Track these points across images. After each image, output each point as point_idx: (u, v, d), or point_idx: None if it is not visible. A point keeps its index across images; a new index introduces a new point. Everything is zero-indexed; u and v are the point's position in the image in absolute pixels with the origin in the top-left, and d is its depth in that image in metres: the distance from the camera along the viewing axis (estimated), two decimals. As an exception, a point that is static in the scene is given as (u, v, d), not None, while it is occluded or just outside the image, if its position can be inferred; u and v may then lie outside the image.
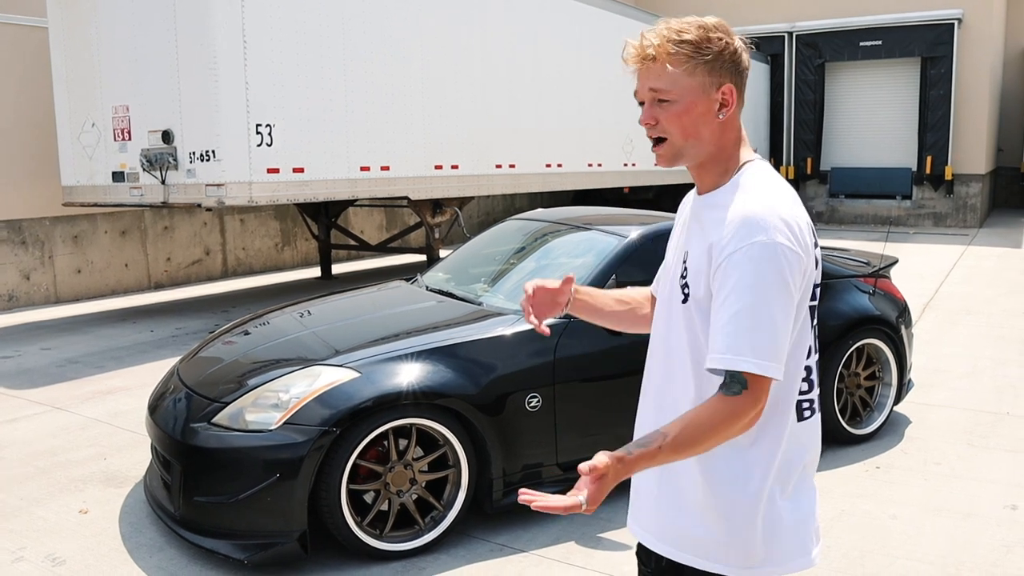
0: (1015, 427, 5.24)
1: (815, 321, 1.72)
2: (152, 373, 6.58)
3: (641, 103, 1.69)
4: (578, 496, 1.49)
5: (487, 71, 10.37)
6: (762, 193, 1.63)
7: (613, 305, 2.03)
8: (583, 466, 1.50)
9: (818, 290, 1.70)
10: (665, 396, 1.76)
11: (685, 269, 1.69)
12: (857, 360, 5.03)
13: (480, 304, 4.42)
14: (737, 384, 1.53)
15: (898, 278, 7.97)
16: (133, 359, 7.16)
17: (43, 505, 4.23)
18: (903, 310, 5.31)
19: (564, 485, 3.95)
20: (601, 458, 1.50)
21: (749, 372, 1.53)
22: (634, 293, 2.07)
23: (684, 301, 1.67)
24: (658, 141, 1.68)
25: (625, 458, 1.53)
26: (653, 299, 2.02)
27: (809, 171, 19.44)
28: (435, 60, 9.55)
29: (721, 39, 1.64)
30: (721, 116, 1.65)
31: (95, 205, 8.93)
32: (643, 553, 1.87)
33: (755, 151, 1.77)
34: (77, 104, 8.66)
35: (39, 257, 9.86)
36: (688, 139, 1.65)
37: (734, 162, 1.70)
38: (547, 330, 1.93)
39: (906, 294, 8.88)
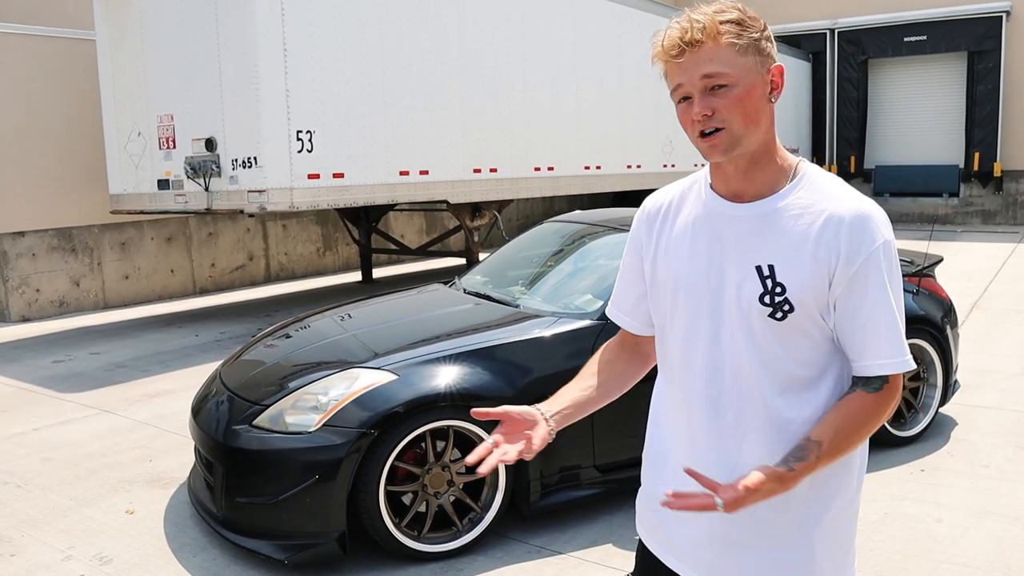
0: (1066, 429, 5.12)
1: None
2: (197, 377, 6.69)
3: (683, 99, 1.55)
4: (715, 498, 1.46)
5: (526, 73, 10.39)
6: (853, 192, 1.58)
7: (591, 393, 1.88)
8: (739, 483, 1.47)
9: None
10: (727, 420, 1.63)
11: (778, 285, 1.53)
12: (901, 361, 4.93)
13: (517, 306, 4.43)
14: (879, 380, 1.54)
15: (945, 277, 7.83)
16: (178, 363, 7.29)
17: (91, 505, 4.33)
18: (948, 310, 5.21)
19: (602, 487, 3.94)
20: (756, 476, 1.47)
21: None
22: (596, 367, 1.91)
23: (782, 318, 1.54)
24: (714, 132, 1.52)
25: (786, 475, 1.50)
26: (630, 340, 1.89)
27: (853, 169, 19.15)
28: (473, 64, 9.60)
29: (757, 18, 1.56)
30: (773, 99, 1.56)
31: (141, 212, 9.11)
32: None
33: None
34: (124, 114, 8.85)
35: (88, 264, 10.09)
36: (749, 126, 1.52)
37: (784, 158, 1.60)
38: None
39: (953, 293, 8.72)
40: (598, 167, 11.77)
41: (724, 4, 1.55)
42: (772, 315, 1.55)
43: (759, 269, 1.56)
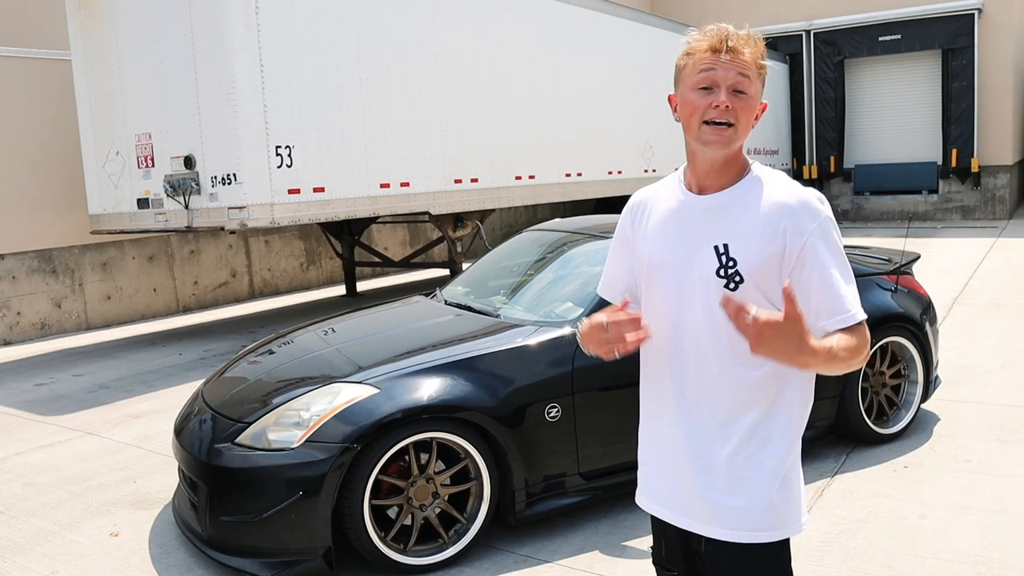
0: (1047, 421, 5.16)
1: None
2: (181, 396, 6.66)
3: (704, 87, 1.80)
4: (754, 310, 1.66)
5: (505, 82, 10.41)
6: (795, 183, 1.89)
7: None
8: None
9: None
10: (690, 380, 1.90)
11: (731, 259, 1.81)
12: (881, 359, 4.98)
13: (498, 316, 4.44)
14: (859, 326, 1.80)
15: (925, 273, 7.91)
16: (162, 382, 7.25)
17: (75, 529, 4.30)
18: (927, 306, 5.25)
19: (587, 495, 3.94)
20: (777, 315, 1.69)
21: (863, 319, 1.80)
22: None
23: (734, 288, 1.81)
24: (726, 124, 1.80)
25: (810, 342, 1.68)
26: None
27: (832, 169, 19.29)
28: (451, 73, 9.61)
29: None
30: (754, 124, 1.87)
31: (122, 232, 9.06)
32: (670, 552, 2.06)
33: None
34: (101, 133, 8.81)
35: (69, 285, 10.03)
36: (744, 133, 1.83)
37: (743, 162, 1.90)
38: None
39: (934, 289, 8.78)
40: (579, 174, 11.80)
41: (753, 34, 1.85)
42: (726, 285, 1.82)
43: (716, 248, 1.85)
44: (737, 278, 1.81)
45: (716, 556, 1.90)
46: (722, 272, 1.82)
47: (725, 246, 1.83)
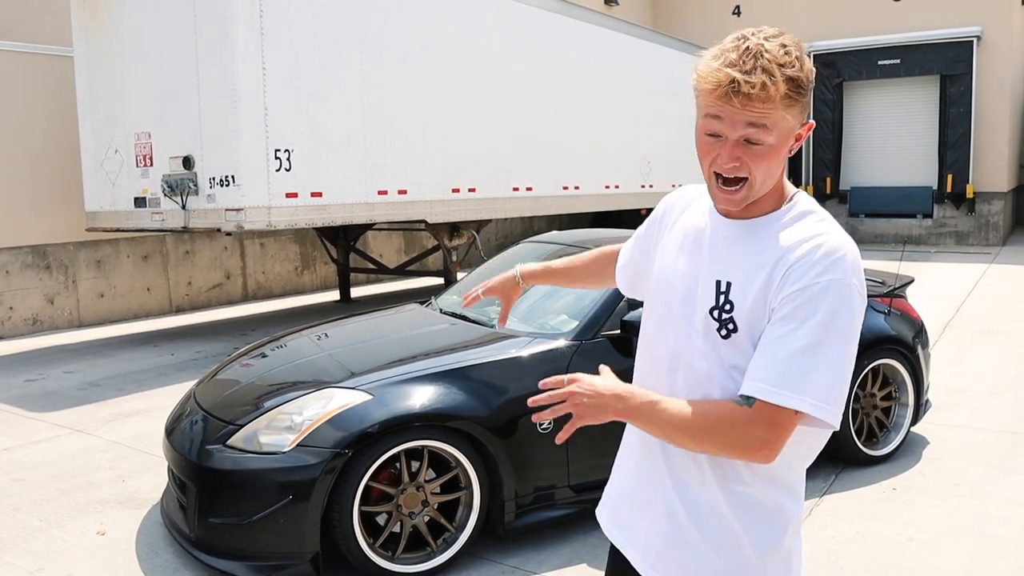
0: (1035, 448, 5.18)
1: None
2: (172, 396, 6.64)
3: (712, 135, 1.53)
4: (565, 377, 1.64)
5: (505, 94, 10.45)
6: (836, 227, 1.55)
7: (566, 268, 2.24)
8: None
9: None
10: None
11: (728, 303, 1.56)
12: (873, 380, 5.00)
13: (493, 327, 4.44)
14: (749, 400, 1.48)
15: (918, 297, 7.93)
16: (153, 382, 7.23)
17: (62, 526, 4.29)
18: (919, 330, 5.27)
19: (576, 507, 3.95)
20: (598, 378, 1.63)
21: (798, 409, 1.46)
22: (587, 257, 2.20)
23: (725, 337, 1.56)
24: (736, 181, 1.53)
25: (626, 396, 1.58)
26: (613, 261, 2.10)
27: (828, 191, 19.36)
28: (453, 84, 9.65)
29: (810, 68, 1.50)
30: (791, 152, 1.56)
31: (117, 230, 9.06)
32: None
33: None
34: (101, 131, 8.82)
35: (63, 282, 10.01)
36: (766, 181, 1.54)
37: (783, 191, 1.62)
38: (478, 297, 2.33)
39: (926, 313, 8.81)
40: (576, 187, 11.84)
41: (786, 45, 1.49)
42: (718, 330, 1.58)
43: (718, 284, 1.59)
44: (731, 326, 1.56)
45: None
46: (716, 314, 1.58)
47: (727, 284, 1.57)
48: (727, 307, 1.57)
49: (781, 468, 1.61)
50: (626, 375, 1.73)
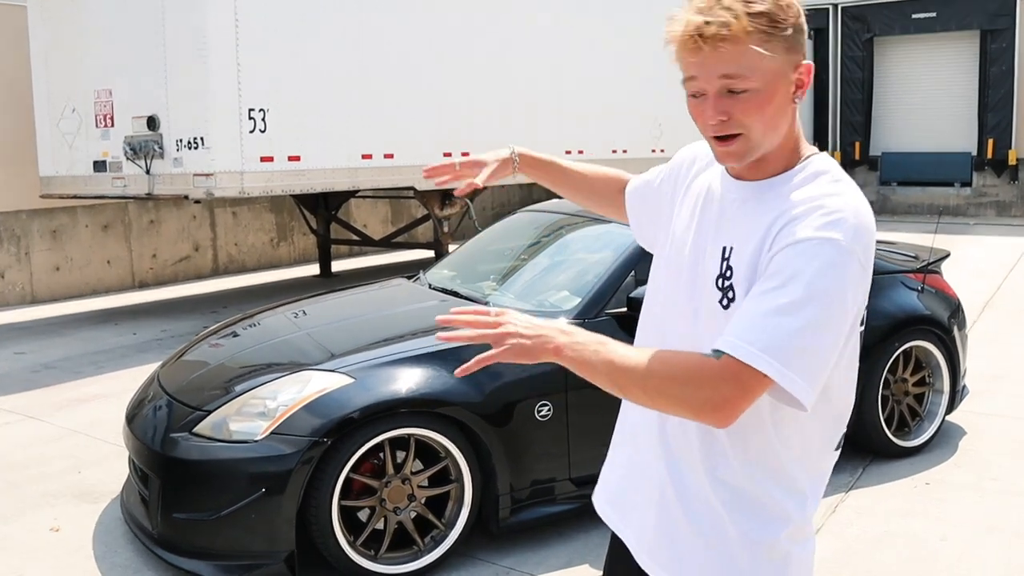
0: (1082, 439, 5.18)
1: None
2: (134, 379, 6.60)
3: (696, 94, 1.54)
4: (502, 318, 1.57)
5: (502, 47, 10.36)
6: (849, 189, 1.53)
7: (568, 169, 2.14)
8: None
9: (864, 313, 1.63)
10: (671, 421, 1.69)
11: (729, 269, 1.56)
12: (904, 365, 4.98)
13: (487, 304, 4.42)
14: (715, 355, 1.46)
15: (955, 274, 7.88)
16: (113, 364, 7.22)
17: (11, 522, 4.28)
18: (956, 309, 5.26)
19: (578, 502, 3.93)
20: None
21: (763, 372, 1.42)
22: (594, 168, 2.12)
23: (726, 307, 1.55)
24: (729, 137, 1.52)
25: (571, 331, 1.54)
26: (619, 188, 2.06)
27: (857, 156, 19.31)
28: (445, 35, 9.57)
29: (792, 5, 1.50)
30: (797, 100, 1.54)
31: (75, 197, 9.02)
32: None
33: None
34: (57, 88, 8.75)
35: (14, 254, 9.96)
36: (768, 132, 1.53)
37: (799, 150, 1.60)
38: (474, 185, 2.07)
39: (963, 291, 8.77)
40: (580, 151, 11.77)
41: None
42: (720, 300, 1.57)
43: (723, 249, 1.58)
44: (731, 294, 1.55)
45: None
46: (720, 282, 1.57)
47: (730, 250, 1.57)
48: (728, 273, 1.56)
49: (778, 456, 1.59)
50: None
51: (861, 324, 1.63)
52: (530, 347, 1.52)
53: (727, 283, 1.56)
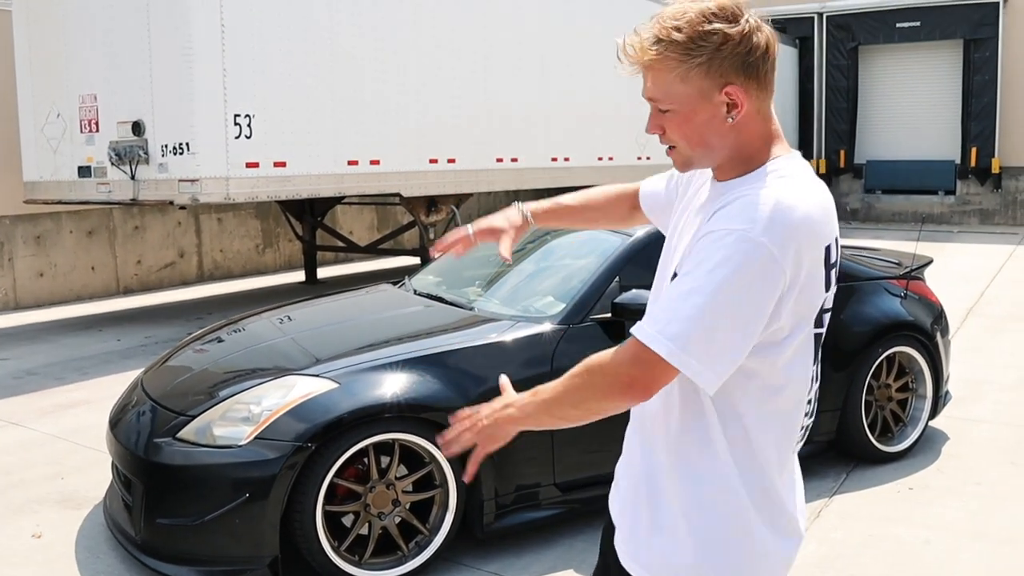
0: (1063, 444, 5.22)
1: (819, 351, 1.69)
2: (117, 385, 6.55)
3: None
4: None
5: (488, 56, 10.39)
6: (788, 185, 1.55)
7: (577, 205, 2.16)
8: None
9: (827, 317, 1.67)
10: (644, 409, 1.75)
11: (679, 266, 1.62)
12: (888, 370, 5.01)
13: (472, 309, 4.42)
14: (635, 345, 1.52)
15: (938, 280, 7.92)
16: (97, 370, 7.18)
17: (-6, 529, 4.25)
18: (939, 315, 5.29)
19: (562, 507, 3.94)
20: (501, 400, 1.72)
21: (660, 354, 1.48)
22: (597, 194, 2.16)
23: None
24: (671, 148, 1.66)
25: (511, 401, 1.69)
26: (633, 199, 2.10)
27: (842, 164, 19.42)
28: (431, 45, 9.58)
29: (716, 32, 1.51)
30: (732, 119, 1.56)
31: (59, 203, 8.99)
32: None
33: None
34: (41, 93, 8.72)
35: (-2, 259, 9.91)
36: (695, 148, 1.61)
37: (761, 159, 1.62)
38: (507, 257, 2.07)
39: (947, 298, 8.83)
40: (566, 159, 11.81)
41: (681, 13, 1.54)
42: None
43: (687, 248, 1.63)
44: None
45: None
46: (673, 273, 1.64)
47: (687, 247, 1.64)
48: (676, 272, 1.61)
49: (731, 452, 1.62)
50: None
51: (819, 325, 1.65)
52: (491, 430, 1.70)
53: (675, 273, 1.62)
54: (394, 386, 3.65)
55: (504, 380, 1.80)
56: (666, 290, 1.57)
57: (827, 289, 1.60)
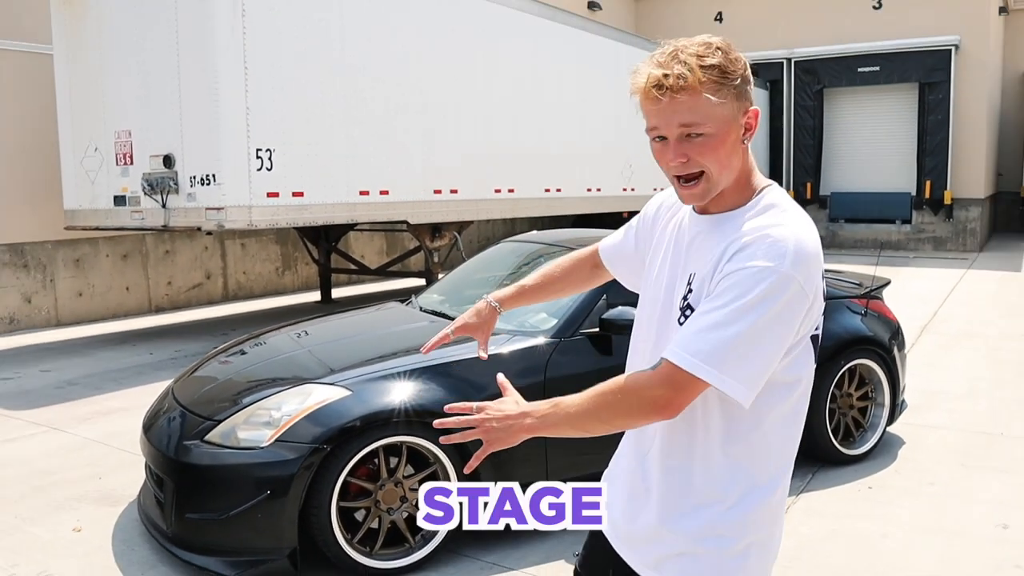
0: (1010, 448, 5.25)
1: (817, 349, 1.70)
2: (150, 395, 6.58)
3: (658, 138, 1.59)
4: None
5: (488, 97, 10.46)
6: (795, 219, 1.57)
7: (541, 283, 2.18)
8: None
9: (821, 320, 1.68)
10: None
11: (690, 290, 1.61)
12: (849, 380, 5.04)
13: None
14: (668, 368, 1.52)
15: (897, 301, 7.97)
16: (131, 381, 7.19)
17: (37, 523, 4.26)
18: (896, 331, 5.33)
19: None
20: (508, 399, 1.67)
21: (688, 371, 1.50)
22: (555, 268, 2.17)
23: (681, 323, 1.60)
24: (691, 178, 1.58)
25: (531, 410, 1.62)
26: (593, 260, 2.12)
27: (809, 195, 19.51)
28: (436, 86, 9.65)
29: (739, 59, 1.57)
30: (746, 142, 1.60)
31: (97, 229, 9.01)
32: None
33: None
34: (80, 129, 8.76)
35: (41, 280, 9.93)
36: (723, 172, 1.58)
37: (754, 184, 1.65)
38: (484, 356, 2.17)
39: (904, 317, 8.89)
40: (558, 190, 11.87)
41: (708, 42, 1.55)
42: (678, 319, 1.63)
43: (690, 276, 1.64)
44: (688, 312, 1.61)
45: None
46: (681, 303, 1.63)
47: (693, 275, 1.63)
48: (687, 294, 1.62)
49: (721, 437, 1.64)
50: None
51: (816, 328, 1.66)
52: (503, 433, 1.63)
53: (686, 303, 1.62)
54: (402, 394, 3.67)
55: (503, 379, 1.79)
56: (695, 319, 1.53)
57: (825, 299, 1.66)
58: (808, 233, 1.57)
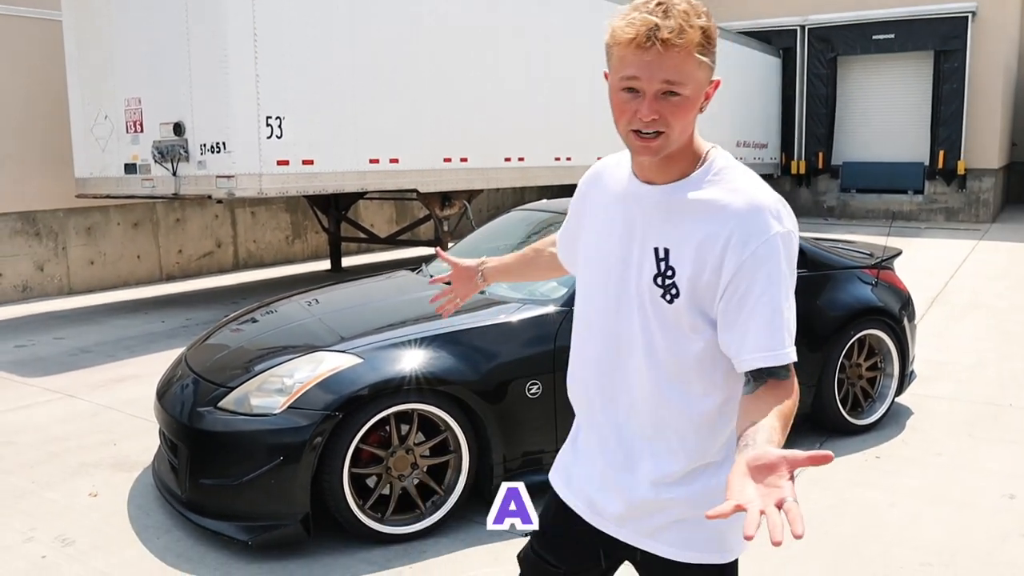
0: (1018, 419, 5.25)
1: None
2: (162, 362, 6.63)
3: (629, 89, 1.51)
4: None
5: (498, 64, 10.40)
6: (754, 181, 1.59)
7: (529, 264, 2.23)
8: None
9: None
10: (619, 392, 1.71)
11: (670, 269, 1.58)
12: (859, 351, 5.05)
13: (483, 293, 4.45)
14: (784, 369, 1.53)
15: (907, 272, 7.95)
16: (144, 348, 7.25)
17: (54, 488, 4.32)
18: (906, 302, 5.32)
19: (564, 471, 3.99)
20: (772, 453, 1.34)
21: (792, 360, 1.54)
22: (541, 251, 2.18)
23: (670, 302, 1.59)
24: (653, 135, 1.52)
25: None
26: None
27: (821, 165, 19.39)
28: (445, 53, 9.59)
29: (713, 27, 1.52)
30: (703, 110, 1.56)
31: (108, 197, 9.03)
32: (594, 550, 1.84)
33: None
34: (90, 97, 8.75)
35: (53, 248, 9.98)
36: (683, 134, 1.54)
37: (697, 148, 1.61)
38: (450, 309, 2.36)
39: (914, 288, 8.87)
40: (568, 158, 11.82)
41: (693, 3, 1.50)
42: (663, 296, 1.60)
43: (656, 251, 1.60)
44: (674, 291, 1.58)
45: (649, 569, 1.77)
46: (659, 280, 1.59)
47: (666, 251, 1.59)
48: (669, 273, 1.59)
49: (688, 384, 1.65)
50: None
51: None
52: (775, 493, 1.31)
53: (669, 281, 1.58)
54: (413, 361, 3.70)
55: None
56: (757, 314, 1.52)
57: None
58: (767, 187, 1.60)
